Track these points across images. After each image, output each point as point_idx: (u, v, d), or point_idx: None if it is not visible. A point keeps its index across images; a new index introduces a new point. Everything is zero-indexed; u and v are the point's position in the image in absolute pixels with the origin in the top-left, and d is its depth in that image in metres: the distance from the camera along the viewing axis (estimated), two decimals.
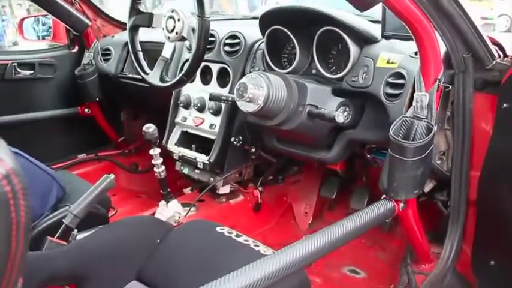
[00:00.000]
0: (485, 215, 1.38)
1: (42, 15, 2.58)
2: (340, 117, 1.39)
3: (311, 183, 2.25)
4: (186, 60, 1.92)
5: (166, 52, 1.69)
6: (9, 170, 0.43)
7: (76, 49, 2.47)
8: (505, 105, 1.22)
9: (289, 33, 1.65)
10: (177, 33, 1.57)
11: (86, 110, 2.48)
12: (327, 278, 1.85)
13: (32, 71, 2.29)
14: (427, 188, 1.52)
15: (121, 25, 2.60)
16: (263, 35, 1.73)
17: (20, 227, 0.45)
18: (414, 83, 1.25)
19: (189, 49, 1.91)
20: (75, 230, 1.23)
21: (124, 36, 2.42)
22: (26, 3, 9.67)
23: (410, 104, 1.28)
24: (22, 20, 2.67)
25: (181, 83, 1.61)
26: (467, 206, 1.45)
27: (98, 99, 2.44)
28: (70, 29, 2.33)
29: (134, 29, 1.75)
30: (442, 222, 1.57)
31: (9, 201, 0.43)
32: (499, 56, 1.28)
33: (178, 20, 1.56)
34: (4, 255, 0.45)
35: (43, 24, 2.77)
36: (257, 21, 1.74)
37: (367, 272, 1.91)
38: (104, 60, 2.40)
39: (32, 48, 2.51)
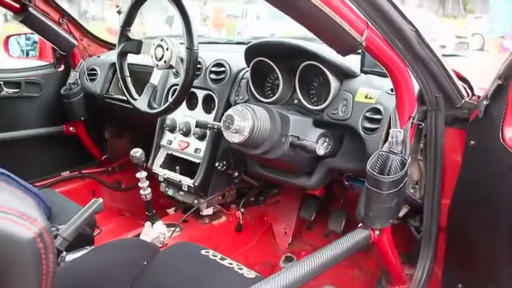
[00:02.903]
0: (454, 240, 1.47)
1: (29, 33, 2.60)
2: (321, 149, 1.46)
3: (291, 204, 2.32)
4: (172, 85, 1.99)
5: (154, 79, 1.75)
6: (42, 229, 0.49)
7: (62, 68, 2.50)
8: (472, 142, 1.31)
9: (272, 64, 1.71)
10: (165, 61, 1.62)
11: (71, 128, 2.51)
12: None
13: (18, 90, 2.32)
14: (401, 213, 1.60)
15: (107, 45, 2.65)
16: (248, 65, 1.80)
17: (49, 276, 0.51)
18: (390, 118, 1.34)
19: (175, 74, 1.97)
20: (64, 252, 1.28)
21: (110, 56, 2.48)
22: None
23: (386, 139, 1.36)
24: (8, 37, 2.69)
25: (168, 110, 1.65)
26: (438, 232, 1.53)
27: (83, 118, 2.48)
28: (57, 48, 2.37)
29: (123, 55, 1.80)
30: (415, 246, 1.66)
31: (41, 256, 0.50)
32: (468, 95, 1.38)
33: (167, 49, 1.61)
34: None
35: (27, 39, 2.78)
36: (241, 46, 1.80)
37: None
38: (90, 80, 2.44)
39: (16, 65, 2.53)
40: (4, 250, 0.47)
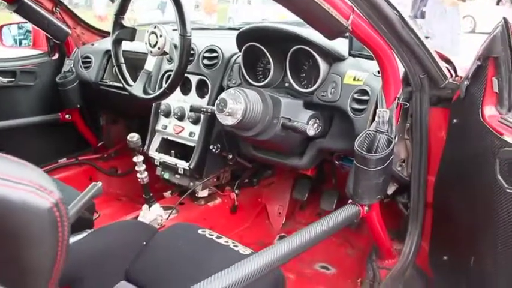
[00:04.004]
0: (439, 215, 1.54)
1: (23, 23, 2.62)
2: (311, 130, 1.52)
3: (284, 185, 2.38)
4: (167, 71, 2.03)
5: (149, 65, 1.78)
6: (58, 199, 0.55)
7: (56, 56, 2.52)
8: (454, 120, 1.38)
9: (264, 49, 1.76)
10: (159, 48, 1.66)
11: (67, 116, 2.54)
12: (299, 274, 1.98)
13: (13, 79, 2.34)
14: (390, 191, 1.67)
15: (100, 33, 2.67)
16: (240, 50, 1.84)
17: (64, 244, 0.57)
18: (377, 99, 1.40)
19: (169, 60, 2.01)
20: None
21: (103, 44, 2.50)
22: None
23: (373, 119, 1.42)
24: (1, 27, 2.70)
25: (163, 96, 1.70)
26: (425, 207, 1.60)
27: (78, 105, 2.51)
28: (51, 37, 2.40)
29: (117, 42, 1.83)
30: (403, 222, 1.73)
31: (58, 224, 0.55)
32: (451, 76, 1.44)
33: (161, 36, 1.65)
34: (51, 268, 0.58)
35: (19, 28, 2.79)
36: (233, 32, 1.84)
37: (337, 267, 2.04)
38: (85, 67, 2.46)
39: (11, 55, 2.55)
40: (26, 218, 0.53)
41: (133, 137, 1.77)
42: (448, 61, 1.48)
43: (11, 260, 0.55)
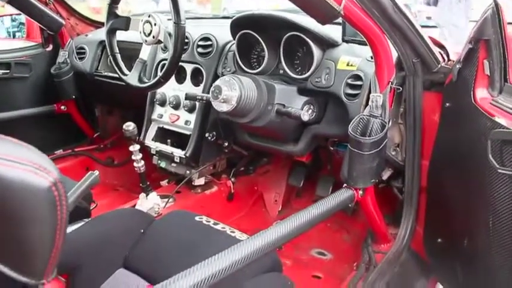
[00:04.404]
0: (433, 198, 1.56)
1: (16, 14, 2.61)
2: (306, 115, 1.53)
3: (280, 173, 2.40)
4: (161, 60, 2.04)
5: (144, 54, 1.78)
6: (56, 179, 0.56)
7: (51, 48, 2.53)
8: (447, 104, 1.39)
9: (258, 36, 1.77)
10: (153, 37, 1.67)
11: (62, 107, 2.56)
12: (296, 260, 2.00)
13: (8, 71, 2.34)
14: (385, 176, 1.69)
15: (94, 23, 2.67)
16: (234, 38, 1.85)
17: (63, 223, 0.58)
18: (370, 84, 1.42)
19: (163, 49, 2.02)
20: None
21: (98, 35, 2.50)
22: None
23: (367, 103, 1.43)
24: None
25: (158, 84, 1.70)
26: (419, 192, 1.62)
27: (74, 96, 2.52)
28: (45, 28, 2.39)
29: (112, 32, 1.83)
30: (398, 206, 1.75)
31: (56, 203, 0.57)
32: (444, 60, 1.45)
33: (155, 24, 1.66)
34: (51, 246, 0.59)
35: (13, 20, 2.79)
36: (226, 20, 1.85)
37: (333, 253, 2.06)
38: (79, 58, 2.46)
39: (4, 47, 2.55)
40: (25, 196, 0.54)
41: (129, 126, 1.78)
42: (441, 46, 1.49)
43: (11, 239, 0.56)
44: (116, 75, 1.87)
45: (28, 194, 0.54)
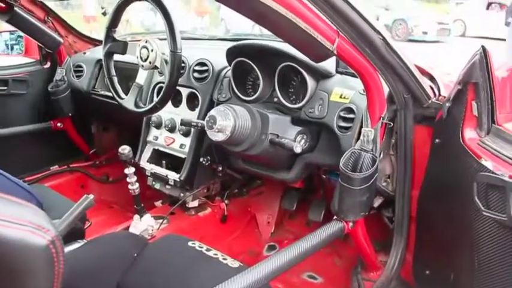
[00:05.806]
0: (422, 229, 1.58)
1: (14, 31, 2.63)
2: (298, 147, 1.55)
3: (273, 195, 2.41)
4: (158, 83, 2.06)
5: (140, 79, 1.81)
6: (54, 237, 0.59)
7: (48, 65, 2.54)
8: (437, 140, 1.42)
9: (253, 65, 1.79)
10: (150, 62, 1.70)
11: (59, 124, 2.57)
12: (287, 283, 2.01)
13: (5, 87, 2.36)
14: (376, 204, 1.71)
15: (92, 41, 2.70)
16: (230, 64, 1.87)
17: (59, 275, 0.61)
18: (362, 118, 1.44)
19: (160, 73, 2.04)
20: None
21: (95, 53, 2.53)
22: None
23: (359, 137, 1.45)
24: None
25: (154, 110, 1.73)
26: (410, 221, 1.64)
27: (70, 114, 2.53)
28: (43, 46, 2.41)
29: (109, 56, 1.86)
30: (389, 235, 1.77)
31: (54, 260, 0.59)
32: (435, 95, 1.48)
33: (152, 50, 1.69)
34: None
35: (11, 34, 2.81)
36: (224, 42, 1.87)
37: (324, 277, 2.08)
38: (76, 76, 2.49)
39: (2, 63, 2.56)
40: (23, 256, 0.57)
41: (125, 149, 1.80)
42: (432, 79, 1.53)
43: None
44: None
45: (27, 253, 0.57)
